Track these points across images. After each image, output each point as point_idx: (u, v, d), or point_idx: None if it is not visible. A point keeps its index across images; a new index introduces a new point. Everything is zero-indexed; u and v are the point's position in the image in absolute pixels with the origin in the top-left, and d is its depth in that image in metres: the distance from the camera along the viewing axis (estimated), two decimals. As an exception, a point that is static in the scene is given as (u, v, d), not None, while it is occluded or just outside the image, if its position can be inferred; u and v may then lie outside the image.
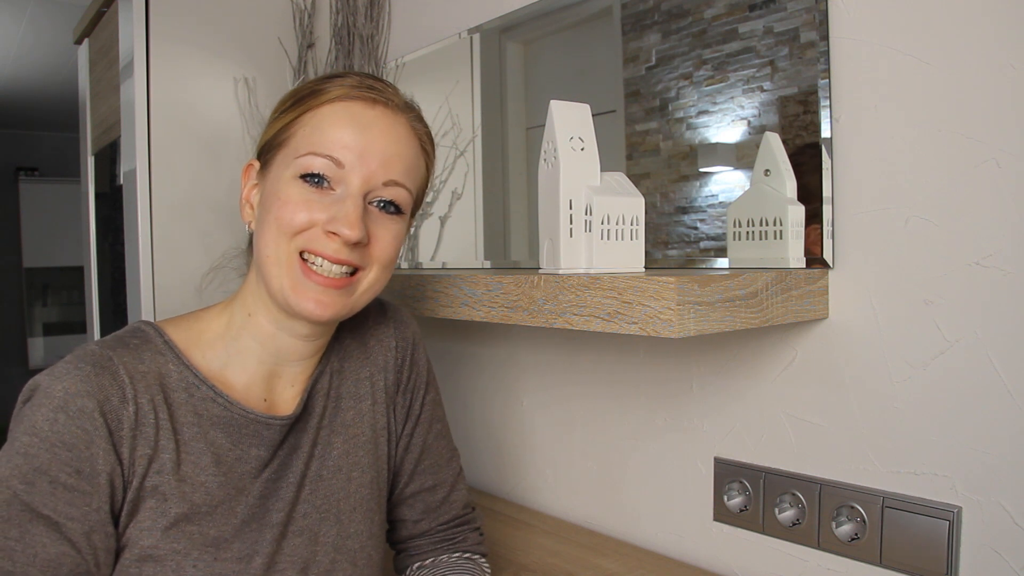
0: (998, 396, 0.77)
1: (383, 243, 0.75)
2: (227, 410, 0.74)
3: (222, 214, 1.43)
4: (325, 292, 0.72)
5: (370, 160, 0.73)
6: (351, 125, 0.74)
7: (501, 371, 1.37)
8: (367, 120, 0.74)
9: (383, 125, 0.75)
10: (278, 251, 0.73)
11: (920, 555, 0.82)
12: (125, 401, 0.68)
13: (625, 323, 0.74)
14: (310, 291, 0.72)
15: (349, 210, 0.71)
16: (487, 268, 1.31)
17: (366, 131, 0.74)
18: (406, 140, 0.77)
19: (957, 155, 0.79)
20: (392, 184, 0.75)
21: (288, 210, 0.72)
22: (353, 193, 0.72)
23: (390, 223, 0.76)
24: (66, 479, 0.64)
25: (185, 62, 1.40)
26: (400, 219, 0.77)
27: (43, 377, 0.67)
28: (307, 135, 0.74)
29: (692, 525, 1.07)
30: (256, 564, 0.73)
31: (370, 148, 0.73)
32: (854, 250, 0.87)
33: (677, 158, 1.03)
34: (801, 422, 0.94)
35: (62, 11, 2.85)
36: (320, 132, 0.74)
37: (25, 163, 4.90)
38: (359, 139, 0.73)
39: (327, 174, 0.72)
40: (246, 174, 0.80)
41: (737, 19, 0.95)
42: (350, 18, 1.49)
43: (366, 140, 0.73)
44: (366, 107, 0.75)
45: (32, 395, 0.67)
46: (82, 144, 1.79)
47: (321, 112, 0.74)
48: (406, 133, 0.77)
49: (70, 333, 4.93)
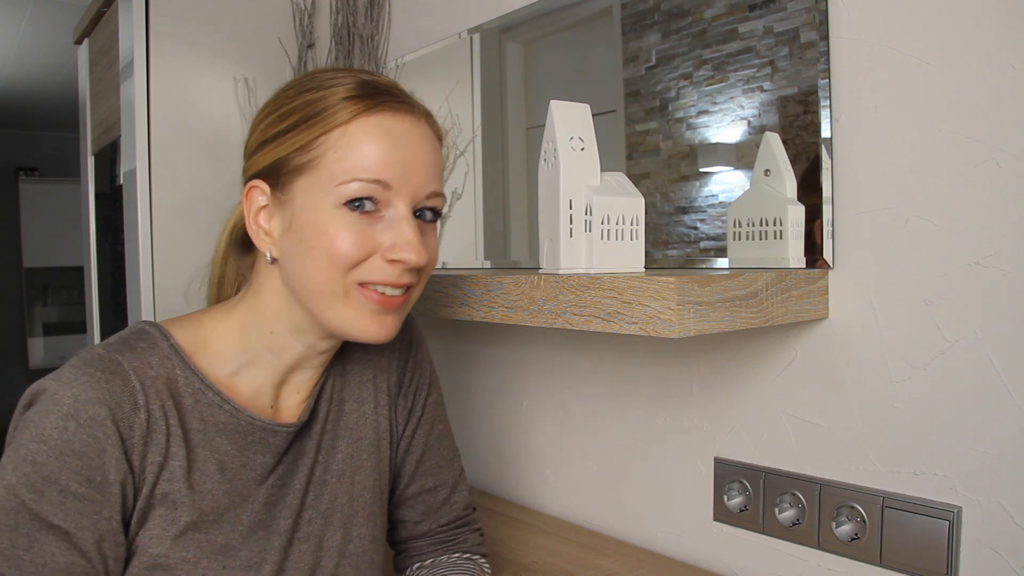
0: (998, 396, 0.77)
1: (430, 250, 0.74)
2: (233, 417, 0.73)
3: (222, 214, 1.42)
4: (388, 313, 0.72)
5: (415, 177, 0.71)
6: (388, 141, 0.70)
7: (501, 371, 1.37)
8: (401, 133, 0.71)
9: (417, 136, 0.72)
10: (332, 285, 0.70)
11: (920, 555, 0.82)
12: (136, 408, 0.67)
13: (625, 323, 0.74)
14: (376, 316, 0.72)
15: (409, 235, 0.70)
16: (487, 268, 1.31)
17: (405, 147, 0.71)
18: (434, 145, 0.75)
19: (957, 155, 0.79)
20: (435, 195, 0.74)
21: (340, 243, 0.69)
22: (405, 215, 0.71)
23: (431, 231, 0.76)
24: (76, 488, 0.63)
25: (185, 62, 1.40)
26: (437, 224, 0.78)
27: (49, 382, 0.65)
28: (341, 158, 0.69)
29: (692, 525, 1.07)
30: (265, 572, 0.73)
31: (412, 164, 0.71)
32: (854, 250, 0.87)
33: (677, 158, 1.03)
34: (801, 422, 0.94)
35: (62, 11, 2.85)
36: (358, 153, 0.69)
37: (25, 163, 4.90)
38: (401, 156, 0.70)
39: (375, 196, 0.69)
40: (248, 197, 0.74)
41: (737, 19, 0.95)
42: (350, 18, 1.49)
43: (407, 156, 0.71)
44: (396, 118, 0.71)
45: (37, 400, 0.65)
46: (82, 144, 1.79)
47: (350, 130, 0.69)
48: (432, 137, 0.75)
49: (70, 333, 4.93)
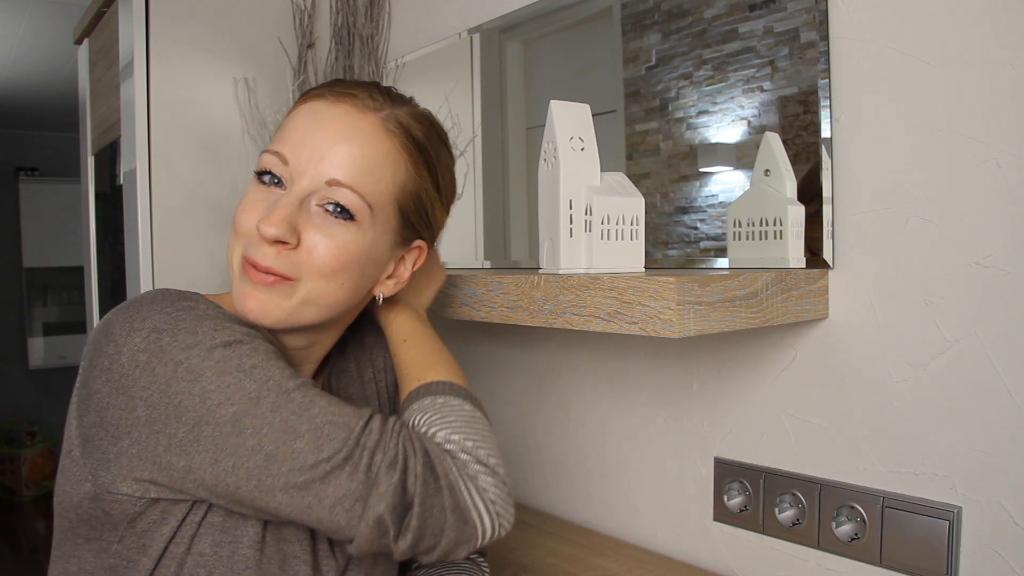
0: (998, 396, 0.77)
1: (319, 249, 0.67)
2: None
3: (222, 214, 1.43)
4: (256, 288, 0.68)
5: (314, 156, 0.68)
6: (305, 122, 0.70)
7: (501, 371, 1.37)
8: (323, 117, 0.69)
9: (339, 123, 0.69)
10: (232, 254, 0.70)
11: (920, 555, 0.82)
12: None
13: (625, 323, 0.74)
14: (244, 286, 0.68)
15: (275, 207, 0.67)
16: (487, 268, 1.31)
17: (317, 127, 0.69)
18: (370, 139, 0.70)
19: (957, 155, 0.79)
20: (335, 184, 0.67)
21: (239, 212, 0.70)
22: (294, 194, 0.68)
23: (336, 228, 0.68)
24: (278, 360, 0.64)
25: (185, 62, 1.40)
26: (351, 226, 0.68)
27: (158, 307, 0.64)
28: (272, 142, 0.72)
29: (692, 525, 1.07)
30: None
31: (316, 144, 0.68)
32: (854, 250, 0.87)
33: (677, 158, 1.03)
34: (801, 422, 0.94)
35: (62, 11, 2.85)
36: (280, 131, 0.71)
37: (25, 163, 4.89)
38: (307, 135, 0.69)
39: (278, 172, 0.69)
40: None
41: (737, 19, 0.95)
42: (350, 18, 1.49)
43: (314, 136, 0.68)
44: (328, 105, 0.70)
45: (161, 325, 0.63)
46: (82, 144, 1.79)
47: (291, 114, 0.72)
48: (372, 132, 0.70)
49: (70, 333, 4.92)
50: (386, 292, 0.76)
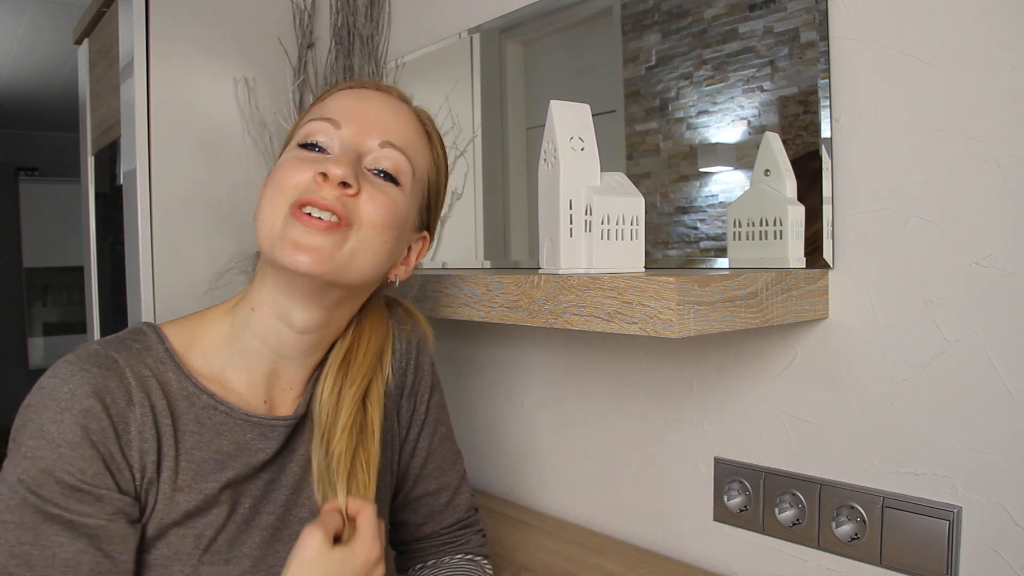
0: (998, 396, 0.77)
1: (376, 201, 0.71)
2: (228, 416, 0.73)
3: (222, 214, 1.43)
4: (309, 235, 0.68)
5: (367, 122, 0.74)
6: (352, 99, 0.77)
7: (501, 371, 1.37)
8: (368, 96, 0.78)
9: (385, 101, 0.78)
10: (273, 209, 0.70)
11: (920, 555, 0.82)
12: (131, 404, 0.68)
13: (625, 323, 0.74)
14: (295, 233, 0.68)
15: (338, 153, 0.72)
16: (487, 268, 1.31)
17: (366, 102, 0.76)
18: (406, 116, 0.78)
19: (957, 155, 0.79)
20: (388, 145, 0.74)
21: (283, 170, 0.72)
22: (347, 144, 0.73)
23: (385, 186, 0.74)
24: (75, 480, 0.64)
25: (185, 62, 1.40)
26: (396, 190, 0.74)
27: (46, 380, 0.67)
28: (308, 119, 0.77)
29: (692, 525, 1.07)
30: (244, 566, 0.73)
31: (368, 113, 0.75)
32: (854, 250, 0.87)
33: (677, 158, 1.03)
34: (801, 422, 0.94)
35: (62, 11, 2.85)
36: (320, 107, 0.77)
37: (25, 163, 4.90)
38: (356, 106, 0.76)
39: (324, 141, 0.73)
40: None
41: (737, 19, 0.95)
42: (350, 18, 1.49)
43: (364, 107, 0.76)
44: (369, 91, 0.78)
45: (36, 398, 0.66)
46: (82, 144, 1.79)
47: (328, 98, 0.78)
48: (406, 111, 0.79)
49: (70, 333, 4.93)
50: (401, 276, 0.81)
